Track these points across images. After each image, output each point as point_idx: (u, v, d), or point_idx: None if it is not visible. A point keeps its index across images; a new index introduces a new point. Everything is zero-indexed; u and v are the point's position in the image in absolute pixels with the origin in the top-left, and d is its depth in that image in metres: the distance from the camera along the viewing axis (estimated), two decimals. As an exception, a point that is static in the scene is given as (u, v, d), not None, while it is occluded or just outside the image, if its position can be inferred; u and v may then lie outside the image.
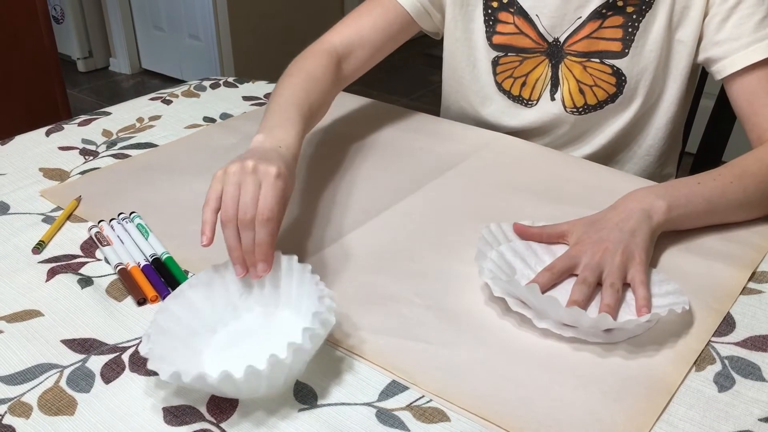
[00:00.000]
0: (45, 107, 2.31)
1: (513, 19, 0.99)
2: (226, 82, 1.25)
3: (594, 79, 0.98)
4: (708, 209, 0.78)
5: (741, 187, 0.79)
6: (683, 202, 0.76)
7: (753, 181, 0.80)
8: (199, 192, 0.89)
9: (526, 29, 0.98)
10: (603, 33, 0.95)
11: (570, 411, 0.57)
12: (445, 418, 0.56)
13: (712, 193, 0.78)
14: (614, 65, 0.96)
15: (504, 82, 1.04)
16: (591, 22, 0.95)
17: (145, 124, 1.09)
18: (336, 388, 0.59)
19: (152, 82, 3.54)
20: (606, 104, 1.00)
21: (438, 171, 0.94)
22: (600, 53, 0.96)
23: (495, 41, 1.01)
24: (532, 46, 0.99)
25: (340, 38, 0.99)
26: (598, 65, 0.97)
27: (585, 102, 1.00)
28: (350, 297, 0.70)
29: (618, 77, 0.97)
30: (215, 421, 0.56)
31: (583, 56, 0.97)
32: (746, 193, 0.79)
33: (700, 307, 0.68)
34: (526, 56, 1.00)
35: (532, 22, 0.97)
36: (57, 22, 3.51)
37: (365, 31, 0.99)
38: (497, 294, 0.67)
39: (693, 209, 0.77)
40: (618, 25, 0.94)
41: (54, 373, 0.61)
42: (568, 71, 0.99)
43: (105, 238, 0.79)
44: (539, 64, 1.00)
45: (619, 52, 0.96)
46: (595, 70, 0.98)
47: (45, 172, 0.95)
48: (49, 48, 2.27)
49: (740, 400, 0.58)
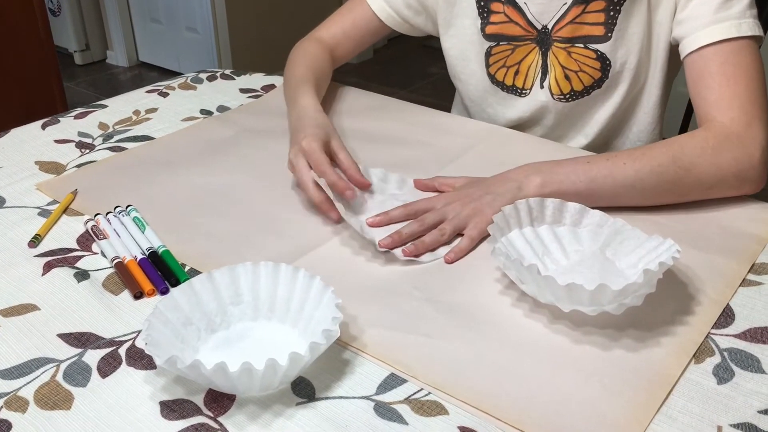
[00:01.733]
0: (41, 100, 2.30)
1: (503, 8, 0.99)
2: (223, 75, 1.25)
3: (579, 65, 0.98)
4: (591, 188, 0.78)
5: (633, 169, 0.79)
6: (560, 179, 0.78)
7: (649, 164, 0.79)
8: (196, 185, 0.89)
9: (515, 17, 0.98)
10: (586, 18, 0.95)
11: (569, 404, 0.56)
12: (444, 411, 0.56)
13: (598, 174, 0.79)
14: (598, 50, 0.96)
15: (497, 73, 1.04)
16: (575, 7, 0.95)
17: (141, 116, 1.09)
18: (334, 382, 0.59)
19: (149, 74, 3.53)
20: (592, 89, 1.00)
21: (437, 165, 0.93)
22: (584, 38, 0.96)
23: (488, 31, 1.01)
24: (522, 34, 0.99)
25: (327, 33, 1.13)
26: (582, 50, 0.97)
27: (571, 88, 1.00)
28: (349, 290, 0.69)
29: (602, 62, 0.97)
30: (212, 415, 0.56)
31: (567, 42, 0.97)
32: (638, 176, 0.78)
33: (700, 298, 0.68)
34: (517, 44, 1.00)
35: (521, 10, 0.98)
36: (54, 14, 3.50)
37: (347, 28, 1.12)
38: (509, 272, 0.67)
39: (571, 187, 0.78)
40: (600, 9, 0.94)
41: (50, 368, 0.61)
42: (554, 58, 0.99)
43: (101, 231, 0.78)
44: (530, 52, 1.00)
45: (602, 36, 0.95)
46: (579, 56, 0.97)
47: (41, 166, 0.94)
48: (45, 40, 2.26)
49: (739, 393, 0.58)
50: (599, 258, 0.71)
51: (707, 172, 0.80)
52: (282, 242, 0.77)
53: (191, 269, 0.73)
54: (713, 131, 0.82)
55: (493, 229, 0.70)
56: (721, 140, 0.80)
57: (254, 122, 1.06)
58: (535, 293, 0.65)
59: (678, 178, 0.79)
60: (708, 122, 0.84)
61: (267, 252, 0.75)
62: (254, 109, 1.11)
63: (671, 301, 0.68)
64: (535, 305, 0.67)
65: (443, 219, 0.77)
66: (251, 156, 0.96)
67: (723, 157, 0.80)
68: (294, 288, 0.65)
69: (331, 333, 0.57)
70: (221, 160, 0.95)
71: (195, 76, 1.24)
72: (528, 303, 0.68)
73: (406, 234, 0.76)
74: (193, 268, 0.73)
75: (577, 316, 0.66)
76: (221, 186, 0.88)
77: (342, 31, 1.12)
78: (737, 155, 0.80)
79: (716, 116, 0.83)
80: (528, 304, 0.68)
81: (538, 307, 0.67)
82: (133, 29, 3.58)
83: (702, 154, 0.80)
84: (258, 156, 0.96)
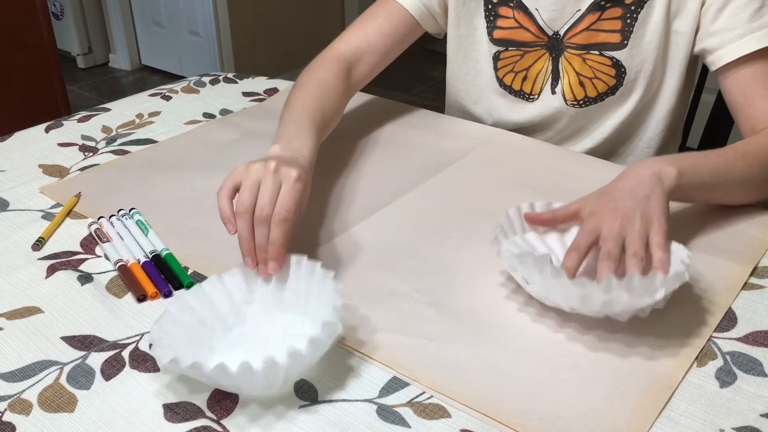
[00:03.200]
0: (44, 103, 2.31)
1: (513, 13, 0.98)
2: (226, 78, 1.25)
3: (594, 72, 0.98)
4: (713, 182, 0.77)
5: (745, 166, 0.79)
6: (692, 170, 0.75)
7: (755, 161, 0.80)
8: (198, 188, 0.89)
9: (526, 23, 0.98)
10: (602, 25, 0.95)
11: (571, 407, 0.57)
12: (446, 414, 0.56)
13: (717, 167, 0.78)
14: (614, 57, 0.96)
15: (505, 77, 1.04)
16: (590, 14, 0.95)
17: (144, 120, 1.09)
18: (337, 385, 0.59)
19: (152, 78, 3.54)
20: (606, 96, 0.99)
21: (438, 167, 0.94)
22: (599, 45, 0.96)
23: (496, 36, 1.01)
24: (532, 40, 0.99)
25: (348, 46, 1.00)
26: (597, 57, 0.97)
27: (585, 94, 1.00)
28: (351, 293, 0.69)
29: (618, 69, 0.97)
30: (216, 418, 0.56)
31: (582, 49, 0.97)
32: (750, 172, 0.80)
33: (702, 302, 0.68)
34: (526, 50, 1.00)
35: (531, 15, 0.97)
36: (56, 18, 3.51)
37: (371, 37, 1.00)
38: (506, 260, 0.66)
39: (700, 179, 0.76)
40: (617, 16, 0.94)
41: (54, 370, 0.61)
42: (568, 64, 0.99)
43: (105, 234, 0.79)
44: (540, 57, 1.00)
45: (618, 44, 0.95)
46: (594, 63, 0.97)
47: (44, 169, 0.95)
48: (48, 44, 2.26)
49: (742, 396, 0.58)
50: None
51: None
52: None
53: (194, 272, 0.73)
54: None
55: (498, 232, 0.70)
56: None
57: (257, 125, 1.06)
58: (541, 294, 0.65)
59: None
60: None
61: (270, 255, 0.75)
62: (257, 113, 1.12)
63: (673, 304, 0.67)
64: (538, 309, 0.67)
65: (623, 243, 0.66)
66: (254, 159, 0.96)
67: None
68: (299, 278, 0.66)
69: (331, 325, 0.57)
70: (224, 164, 0.95)
71: (198, 79, 1.25)
72: (531, 306, 0.68)
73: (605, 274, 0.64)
74: (197, 271, 0.73)
75: (581, 321, 0.66)
76: (224, 189, 0.88)
77: (366, 42, 1.00)
78: None
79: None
80: (532, 307, 0.68)
81: (541, 311, 0.67)
82: (135, 33, 3.58)
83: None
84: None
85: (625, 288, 0.59)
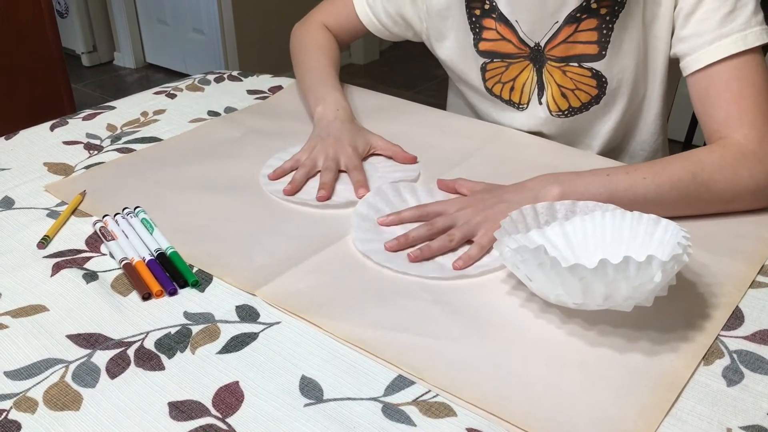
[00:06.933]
0: (49, 102, 2.31)
1: (495, 25, 0.97)
2: (231, 76, 1.25)
3: (575, 83, 0.97)
4: (611, 201, 0.75)
5: (654, 184, 0.77)
6: (580, 190, 0.77)
7: (669, 179, 0.78)
8: (203, 186, 0.89)
9: (508, 35, 0.97)
10: (579, 37, 0.94)
11: (577, 406, 0.56)
12: (452, 413, 0.56)
13: (618, 187, 0.77)
14: (593, 68, 0.95)
15: (494, 87, 1.04)
16: (567, 27, 0.93)
17: (149, 118, 1.09)
18: (342, 383, 0.59)
19: (156, 76, 3.54)
20: (591, 105, 0.99)
21: (446, 166, 0.93)
22: (578, 57, 0.95)
23: (481, 48, 1.00)
24: (515, 52, 0.98)
25: (328, 21, 1.16)
26: (577, 69, 0.96)
27: (569, 105, 0.99)
28: (356, 292, 0.69)
29: (599, 79, 0.96)
30: (221, 416, 0.56)
31: (561, 61, 0.96)
32: (659, 191, 0.78)
33: (709, 300, 0.68)
34: (511, 61, 0.99)
35: (513, 27, 0.96)
36: (61, 16, 3.51)
37: (342, 21, 1.15)
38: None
39: (590, 199, 0.76)
40: (592, 27, 0.93)
41: (59, 368, 0.61)
42: (549, 76, 0.98)
43: (110, 232, 0.79)
44: (524, 68, 0.99)
45: (596, 55, 0.94)
46: (574, 75, 0.96)
47: (49, 167, 0.95)
48: (53, 42, 2.27)
49: (749, 395, 0.58)
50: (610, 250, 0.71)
51: (726, 189, 0.79)
52: (290, 243, 0.77)
53: (199, 270, 0.73)
54: (729, 149, 0.81)
55: (500, 234, 0.70)
56: (738, 157, 0.80)
57: (262, 123, 1.06)
58: (544, 291, 0.65)
59: (698, 195, 0.79)
60: (721, 139, 0.83)
61: (275, 253, 0.75)
62: (262, 111, 1.12)
63: (680, 303, 0.67)
64: (543, 307, 0.67)
65: (453, 224, 0.76)
66: (259, 157, 0.96)
67: (741, 174, 0.79)
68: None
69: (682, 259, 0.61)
70: (229, 162, 0.95)
71: (202, 77, 1.25)
72: (536, 304, 0.68)
73: (413, 237, 0.75)
74: (201, 269, 0.73)
75: (586, 318, 0.65)
76: (229, 187, 0.88)
77: (337, 23, 1.15)
78: (754, 172, 0.79)
79: (729, 134, 0.82)
80: (537, 305, 0.67)
81: (546, 310, 0.67)
82: (140, 31, 3.59)
83: (721, 170, 0.79)
84: (266, 157, 0.96)
85: (622, 276, 0.59)
